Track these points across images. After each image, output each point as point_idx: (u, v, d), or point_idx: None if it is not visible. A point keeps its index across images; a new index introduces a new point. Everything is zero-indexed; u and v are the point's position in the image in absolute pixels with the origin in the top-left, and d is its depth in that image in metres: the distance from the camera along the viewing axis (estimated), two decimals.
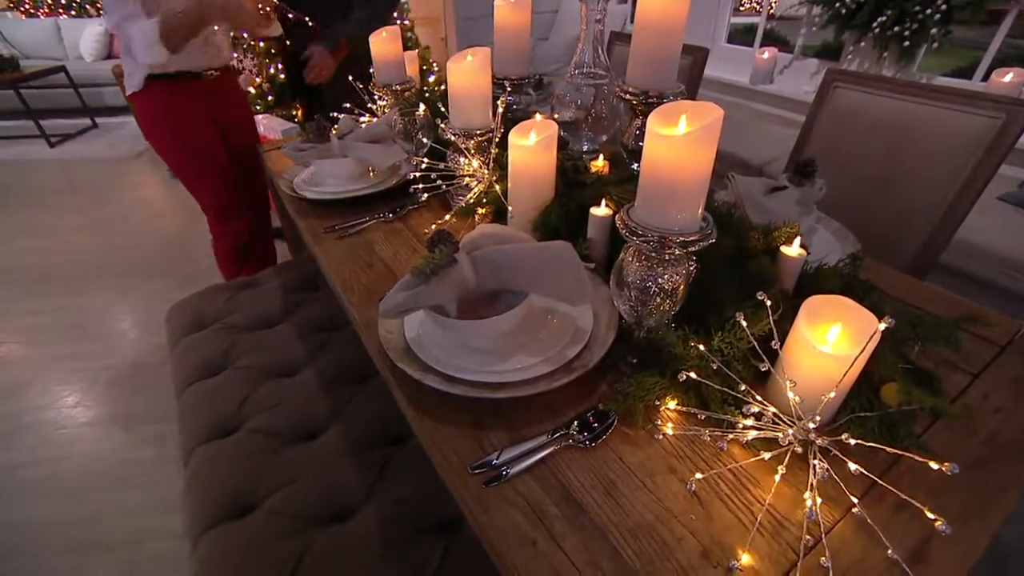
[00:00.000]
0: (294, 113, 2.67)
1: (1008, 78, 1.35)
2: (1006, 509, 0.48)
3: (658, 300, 0.55)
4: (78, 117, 4.25)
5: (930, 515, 0.41)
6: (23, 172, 3.52)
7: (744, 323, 0.52)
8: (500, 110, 0.82)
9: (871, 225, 0.86)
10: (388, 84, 1.20)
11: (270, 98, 2.72)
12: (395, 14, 2.76)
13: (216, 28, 1.41)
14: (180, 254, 2.51)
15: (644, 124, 0.87)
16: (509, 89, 0.96)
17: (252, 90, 2.67)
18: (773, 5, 2.22)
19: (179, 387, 1.09)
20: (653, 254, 0.57)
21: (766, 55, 1.89)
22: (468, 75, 0.85)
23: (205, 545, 0.79)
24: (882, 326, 0.44)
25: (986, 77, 1.51)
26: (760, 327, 0.56)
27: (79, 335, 1.95)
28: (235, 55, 2.72)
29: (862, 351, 0.46)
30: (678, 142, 0.55)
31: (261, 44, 2.54)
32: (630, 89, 0.81)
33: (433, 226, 0.92)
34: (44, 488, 1.41)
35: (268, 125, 2.61)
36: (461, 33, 3.08)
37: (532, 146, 0.77)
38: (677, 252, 0.56)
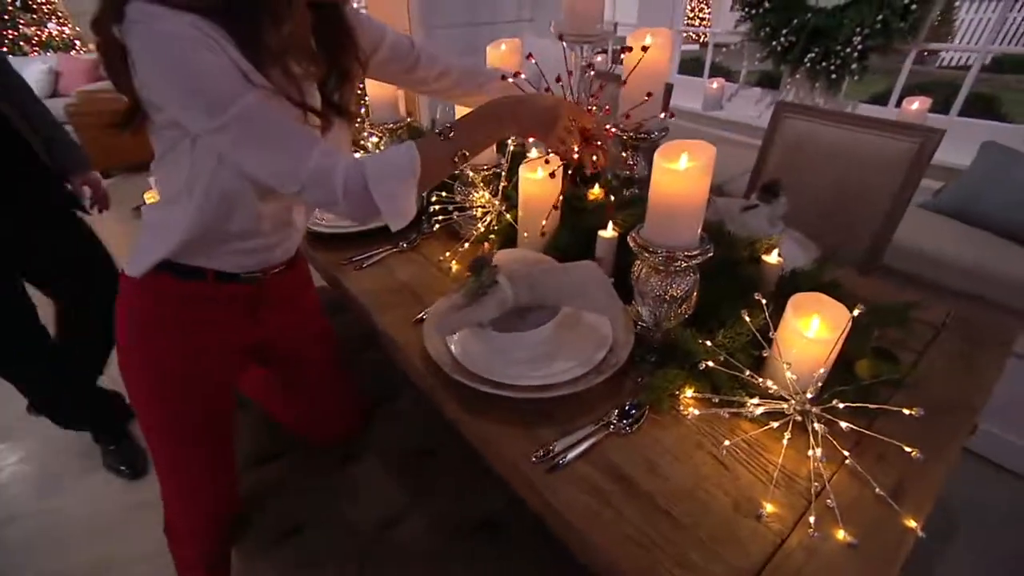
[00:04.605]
0: None
1: (915, 106, 1.60)
2: (955, 450, 0.61)
3: (676, 306, 0.66)
4: None
5: (907, 449, 0.53)
6: None
7: (748, 319, 0.64)
8: (510, 148, 0.93)
9: (822, 235, 1.02)
10: (384, 122, 1.30)
11: None
12: None
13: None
14: None
15: (636, 156, 1.00)
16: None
17: None
18: (705, 36, 2.48)
19: None
20: (661, 267, 0.68)
21: (715, 85, 2.12)
22: None
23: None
24: (855, 312, 0.56)
25: (898, 103, 1.77)
26: (754, 323, 0.68)
27: None
28: None
29: (842, 333, 0.58)
30: (681, 175, 0.67)
31: None
32: (622, 125, 0.94)
33: (448, 253, 1.00)
34: (52, 539, 1.36)
35: None
36: None
37: (540, 179, 0.88)
38: (683, 265, 0.67)
